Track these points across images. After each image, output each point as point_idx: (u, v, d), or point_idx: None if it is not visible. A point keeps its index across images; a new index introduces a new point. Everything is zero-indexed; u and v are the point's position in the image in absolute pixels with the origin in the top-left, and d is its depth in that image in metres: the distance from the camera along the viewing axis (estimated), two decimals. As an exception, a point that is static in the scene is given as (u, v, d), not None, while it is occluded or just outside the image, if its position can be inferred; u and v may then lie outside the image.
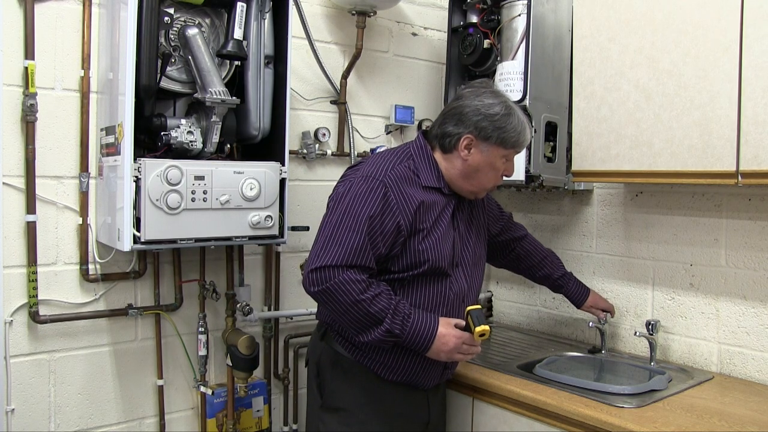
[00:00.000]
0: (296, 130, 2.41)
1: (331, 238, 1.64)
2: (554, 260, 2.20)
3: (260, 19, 2.03)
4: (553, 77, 2.25)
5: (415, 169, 1.75)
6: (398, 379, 1.78)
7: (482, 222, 1.95)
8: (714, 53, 1.73)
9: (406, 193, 1.69)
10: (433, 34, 2.77)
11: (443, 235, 1.75)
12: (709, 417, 1.67)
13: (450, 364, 1.87)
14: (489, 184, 1.80)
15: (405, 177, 1.72)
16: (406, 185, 1.71)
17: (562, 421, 1.76)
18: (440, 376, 1.86)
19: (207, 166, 1.90)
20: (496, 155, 1.74)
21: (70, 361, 2.02)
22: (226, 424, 2.24)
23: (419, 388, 1.82)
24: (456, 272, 1.79)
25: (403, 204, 1.68)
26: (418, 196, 1.71)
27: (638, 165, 1.90)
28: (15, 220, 1.91)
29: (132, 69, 1.76)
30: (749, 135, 1.67)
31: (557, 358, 2.19)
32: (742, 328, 2.03)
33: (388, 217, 1.66)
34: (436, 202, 1.75)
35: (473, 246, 1.86)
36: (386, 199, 1.66)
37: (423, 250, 1.70)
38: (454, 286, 1.79)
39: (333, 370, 1.81)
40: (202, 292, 2.21)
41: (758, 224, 1.99)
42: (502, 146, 1.73)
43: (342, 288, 1.61)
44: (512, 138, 1.73)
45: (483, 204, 1.97)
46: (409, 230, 1.68)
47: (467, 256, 1.83)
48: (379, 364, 1.77)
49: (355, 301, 1.61)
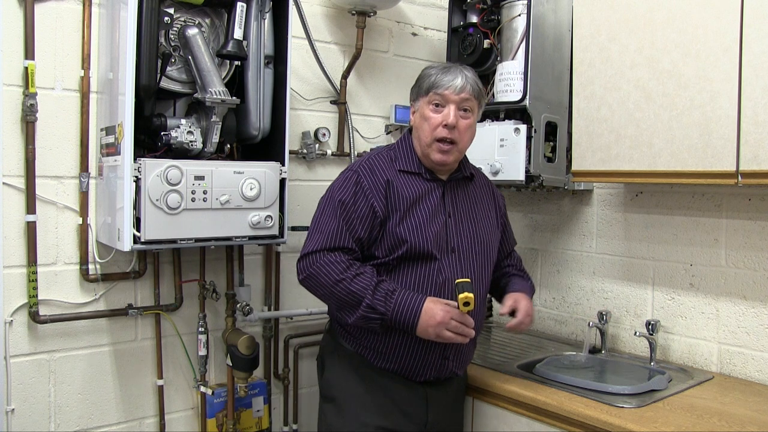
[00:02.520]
0: (296, 130, 2.41)
1: (313, 228, 1.76)
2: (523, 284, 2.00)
3: (260, 19, 2.03)
4: (553, 77, 2.25)
5: (394, 157, 1.82)
6: (392, 368, 1.77)
7: (493, 214, 1.92)
8: (714, 53, 1.73)
9: (377, 176, 1.75)
10: (433, 34, 2.77)
11: (426, 219, 1.74)
12: (709, 417, 1.67)
13: (449, 354, 1.79)
14: (426, 137, 1.76)
15: (380, 164, 1.78)
16: (379, 170, 1.77)
17: (562, 421, 1.76)
18: (438, 368, 1.79)
19: (207, 166, 1.90)
20: (423, 106, 1.77)
21: (70, 361, 2.02)
22: (226, 424, 2.24)
23: (415, 381, 1.79)
24: (448, 258, 1.76)
25: (375, 186, 1.73)
26: (387, 176, 1.75)
27: (638, 165, 1.90)
28: (15, 220, 1.91)
29: (132, 69, 1.76)
30: (749, 135, 1.67)
31: (557, 358, 2.19)
32: (742, 328, 2.03)
33: (362, 200, 1.72)
34: (413, 185, 1.77)
35: (474, 234, 1.83)
36: (359, 184, 1.74)
37: (401, 231, 1.71)
38: (444, 271, 1.75)
39: (331, 359, 1.86)
40: (202, 292, 2.21)
41: (758, 224, 1.99)
42: (424, 95, 1.77)
43: (323, 270, 1.69)
44: (428, 81, 1.76)
45: (494, 198, 1.96)
46: (384, 212, 1.72)
47: (464, 243, 1.80)
48: (373, 351, 1.77)
49: (336, 281, 1.67)
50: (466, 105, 1.76)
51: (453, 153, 1.77)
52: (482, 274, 1.85)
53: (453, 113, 1.73)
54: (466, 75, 1.76)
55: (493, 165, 2.23)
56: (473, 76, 1.78)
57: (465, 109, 1.76)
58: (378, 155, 1.83)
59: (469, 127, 1.78)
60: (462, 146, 1.79)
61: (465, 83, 1.74)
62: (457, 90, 1.73)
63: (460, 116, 1.75)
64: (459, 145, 1.77)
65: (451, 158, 1.77)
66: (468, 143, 1.82)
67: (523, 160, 2.17)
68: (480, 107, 1.82)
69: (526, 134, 2.18)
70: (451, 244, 1.78)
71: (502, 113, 2.28)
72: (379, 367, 1.78)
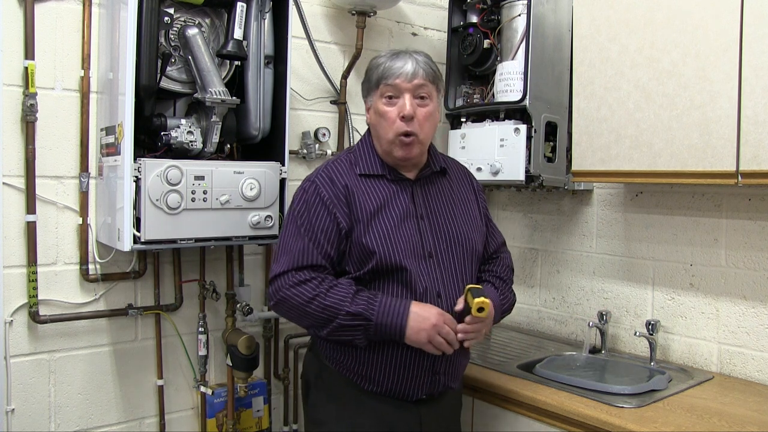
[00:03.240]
0: (296, 130, 2.41)
1: (279, 248, 1.65)
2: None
3: (260, 19, 2.03)
4: (553, 77, 2.25)
5: (353, 161, 1.70)
6: (382, 391, 1.64)
7: (474, 207, 1.80)
8: (714, 53, 1.73)
9: (337, 185, 1.63)
10: (433, 34, 2.77)
11: (394, 224, 1.62)
12: (709, 417, 1.67)
13: (440, 368, 1.66)
14: (389, 134, 1.63)
15: (339, 171, 1.66)
16: (338, 178, 1.65)
17: (562, 421, 1.76)
18: (429, 384, 1.66)
19: (207, 166, 1.90)
20: (376, 101, 1.65)
21: (70, 361, 2.02)
22: (226, 424, 2.24)
23: (407, 401, 1.66)
24: (425, 264, 1.63)
25: (336, 196, 1.62)
26: (347, 185, 1.63)
27: (638, 165, 1.90)
28: (15, 220, 1.91)
29: (132, 69, 1.76)
30: (749, 135, 1.67)
31: (557, 358, 2.19)
32: (742, 328, 2.03)
33: (323, 213, 1.61)
34: (377, 190, 1.65)
35: (454, 234, 1.70)
36: (319, 196, 1.62)
37: (368, 241, 1.59)
38: (422, 280, 1.62)
39: (316, 381, 1.74)
40: (202, 292, 2.21)
41: (758, 224, 1.99)
42: (375, 88, 1.65)
43: (293, 291, 1.57)
44: (377, 73, 1.64)
45: (475, 190, 1.84)
46: (348, 223, 1.61)
47: (443, 246, 1.67)
48: (358, 376, 1.65)
49: (309, 299, 1.56)
50: (421, 92, 1.63)
51: (416, 146, 1.64)
52: (467, 276, 1.71)
53: (409, 103, 1.60)
54: (417, 59, 1.63)
55: (493, 165, 2.23)
56: (425, 59, 1.66)
57: (422, 96, 1.63)
58: (336, 161, 1.71)
59: (430, 116, 1.65)
60: (424, 137, 1.65)
61: (416, 68, 1.61)
62: (409, 77, 1.60)
63: (417, 105, 1.62)
64: (420, 137, 1.64)
65: (414, 151, 1.65)
66: (430, 133, 1.68)
67: (523, 160, 2.18)
68: (439, 91, 1.69)
69: (526, 134, 2.18)
70: (427, 249, 1.65)
71: (502, 113, 2.28)
72: (367, 390, 1.65)
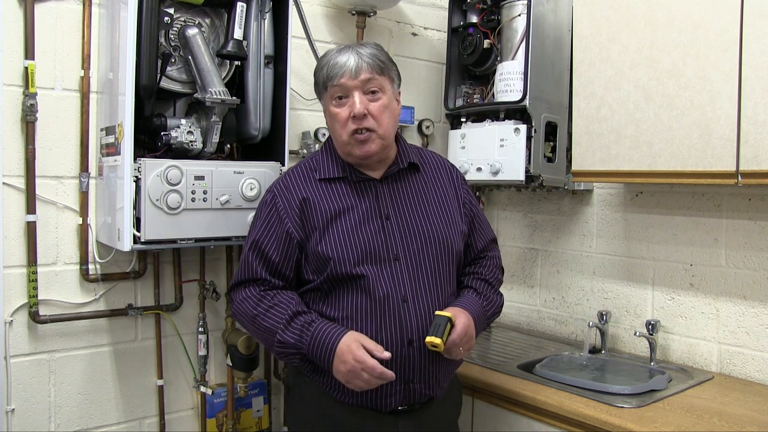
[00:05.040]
0: (296, 130, 2.40)
1: (240, 260, 1.66)
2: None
3: (260, 19, 2.03)
4: (553, 77, 2.26)
5: (313, 167, 1.66)
6: (355, 402, 1.57)
7: (453, 203, 1.71)
8: (714, 53, 1.73)
9: (292, 194, 1.61)
10: (433, 34, 2.77)
11: (352, 228, 1.56)
12: (709, 417, 1.67)
13: (414, 378, 1.57)
14: (344, 135, 1.57)
15: (296, 178, 1.63)
16: (294, 187, 1.62)
17: (562, 421, 1.76)
18: (404, 394, 1.57)
19: (207, 166, 1.90)
20: (328, 104, 1.61)
21: (70, 361, 2.02)
22: (226, 424, 2.24)
23: (383, 412, 1.58)
24: (388, 268, 1.56)
25: (290, 206, 1.59)
26: (303, 193, 1.60)
27: (638, 165, 1.90)
28: (15, 220, 1.91)
29: (132, 69, 1.75)
30: (749, 135, 1.67)
31: (557, 358, 2.19)
32: (742, 328, 2.03)
33: (276, 223, 1.59)
34: (335, 194, 1.60)
35: (425, 233, 1.61)
36: (275, 206, 1.61)
37: (322, 249, 1.55)
38: (383, 286, 1.54)
39: (295, 391, 1.71)
40: (202, 292, 2.21)
41: (758, 224, 1.99)
42: (324, 90, 1.61)
43: (239, 307, 1.60)
44: (322, 75, 1.59)
45: (454, 185, 1.74)
46: (300, 233, 1.58)
47: (411, 246, 1.59)
48: (332, 387, 1.58)
49: (251, 318, 1.57)
50: (371, 86, 1.56)
51: (374, 141, 1.57)
52: (441, 278, 1.62)
53: (358, 100, 1.54)
54: (360, 52, 1.56)
55: (493, 165, 2.24)
56: (371, 49, 1.59)
57: (372, 91, 1.57)
58: (296, 168, 1.68)
59: (385, 108, 1.58)
60: (383, 131, 1.58)
61: (359, 62, 1.54)
62: (353, 73, 1.54)
63: (368, 100, 1.56)
64: (380, 131, 1.57)
65: (373, 147, 1.57)
66: (390, 125, 1.60)
67: (523, 160, 2.18)
68: (392, 81, 1.62)
69: (526, 134, 2.18)
70: (393, 251, 1.57)
71: (502, 113, 2.28)
72: (342, 402, 1.58)
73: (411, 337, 1.56)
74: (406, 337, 1.56)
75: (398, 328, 1.55)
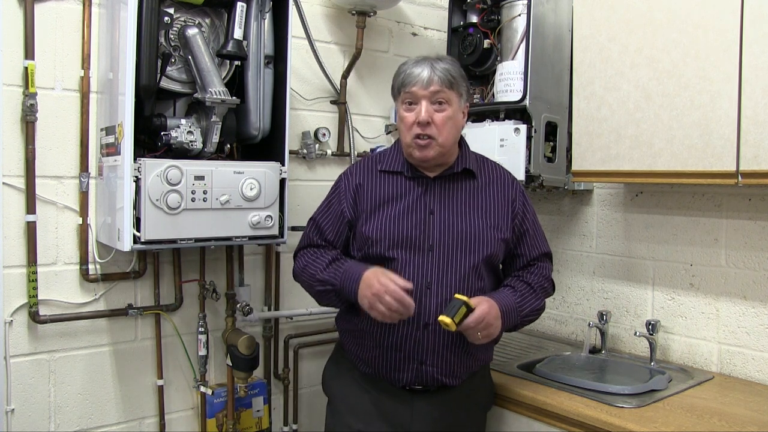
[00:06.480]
0: (296, 130, 2.41)
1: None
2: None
3: (260, 19, 2.03)
4: (553, 77, 2.25)
5: (380, 159, 1.83)
6: (373, 373, 1.77)
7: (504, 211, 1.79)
8: (714, 53, 1.73)
9: (352, 179, 1.80)
10: (433, 34, 2.77)
11: (397, 217, 1.72)
12: (709, 417, 1.67)
13: (426, 359, 1.69)
14: (407, 137, 1.71)
15: (361, 166, 1.83)
16: (357, 173, 1.81)
17: (562, 421, 1.76)
18: (416, 372, 1.70)
19: (207, 166, 1.90)
20: (399, 107, 1.76)
21: (70, 361, 2.02)
22: (226, 424, 2.24)
23: (400, 388, 1.73)
24: (421, 256, 1.69)
25: (347, 189, 1.79)
26: (360, 179, 1.79)
27: (638, 165, 1.90)
28: (15, 220, 1.91)
29: (132, 69, 1.76)
30: (749, 135, 1.67)
31: (557, 358, 2.19)
32: (742, 328, 2.03)
33: (335, 202, 1.81)
34: (389, 184, 1.77)
35: (463, 231, 1.72)
36: (338, 188, 1.82)
37: (367, 230, 1.73)
38: (411, 272, 1.68)
39: (331, 357, 1.95)
40: (202, 292, 2.21)
41: (758, 224, 1.99)
42: (397, 95, 1.75)
43: (297, 264, 1.83)
44: (398, 81, 1.74)
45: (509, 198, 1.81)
46: (352, 213, 1.77)
47: (447, 240, 1.70)
48: (356, 357, 1.80)
49: (302, 268, 1.80)
50: (439, 98, 1.68)
51: (432, 148, 1.69)
52: (471, 274, 1.71)
53: (425, 109, 1.67)
54: (434, 66, 1.68)
55: (493, 165, 2.23)
56: (446, 64, 1.70)
57: (439, 102, 1.68)
58: (367, 157, 1.89)
59: (448, 119, 1.69)
60: (443, 140, 1.69)
61: (432, 75, 1.66)
62: (425, 84, 1.67)
63: (434, 110, 1.68)
64: (439, 140, 1.69)
65: (431, 153, 1.70)
66: (450, 136, 1.71)
67: (523, 160, 2.17)
68: (460, 96, 1.72)
69: (526, 134, 2.17)
70: (429, 242, 1.70)
71: (502, 113, 2.28)
72: (364, 372, 1.79)
73: (428, 320, 1.68)
74: (423, 320, 1.68)
75: (417, 310, 1.64)
